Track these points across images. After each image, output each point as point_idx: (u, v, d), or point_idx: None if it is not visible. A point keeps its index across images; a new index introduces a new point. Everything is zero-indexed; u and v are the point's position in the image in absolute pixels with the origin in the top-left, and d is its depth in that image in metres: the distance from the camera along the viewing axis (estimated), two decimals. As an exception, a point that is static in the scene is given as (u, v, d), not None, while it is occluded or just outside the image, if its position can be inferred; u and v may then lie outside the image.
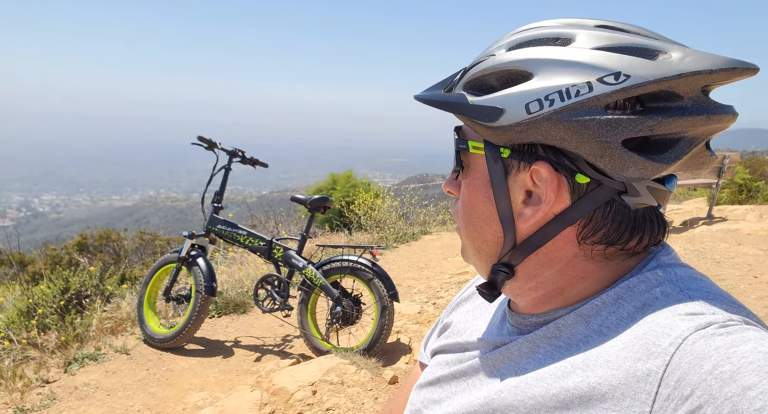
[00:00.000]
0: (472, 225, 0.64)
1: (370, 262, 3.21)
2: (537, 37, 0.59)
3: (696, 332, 0.49)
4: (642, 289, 0.57)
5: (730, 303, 0.54)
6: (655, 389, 0.48)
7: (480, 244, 0.65)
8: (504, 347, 0.65)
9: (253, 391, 2.67)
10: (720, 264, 4.78)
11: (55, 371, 3.28)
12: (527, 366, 0.60)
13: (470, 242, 0.66)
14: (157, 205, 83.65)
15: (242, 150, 3.70)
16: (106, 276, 4.71)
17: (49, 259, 9.97)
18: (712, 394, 0.44)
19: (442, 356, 0.77)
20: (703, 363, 0.46)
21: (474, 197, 0.63)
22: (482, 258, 0.66)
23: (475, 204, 0.63)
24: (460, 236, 0.68)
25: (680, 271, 0.59)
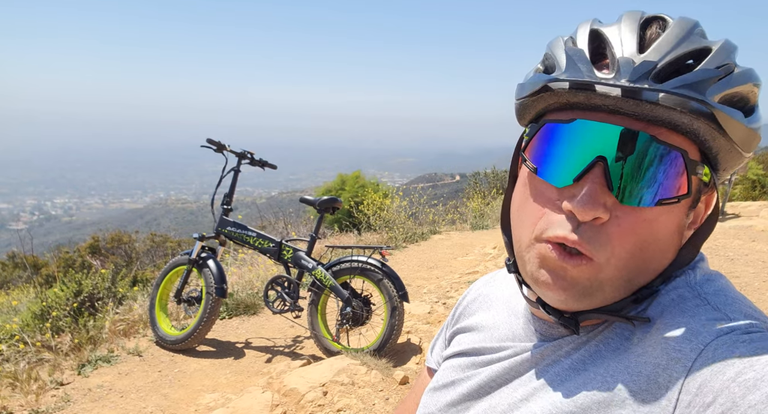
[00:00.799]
0: (644, 256, 0.53)
1: (380, 262, 3.20)
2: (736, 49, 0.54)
3: (718, 338, 0.48)
4: (663, 293, 0.57)
5: (747, 307, 0.54)
6: (676, 396, 0.47)
7: (638, 274, 0.54)
8: (526, 354, 0.63)
9: (265, 392, 2.68)
10: (734, 261, 4.72)
11: (69, 373, 3.31)
12: (551, 372, 0.59)
13: (624, 273, 0.53)
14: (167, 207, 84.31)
15: (251, 152, 3.71)
16: (118, 278, 4.75)
17: (62, 261, 10.08)
18: (735, 401, 0.43)
19: (455, 360, 0.74)
20: (726, 370, 0.45)
21: (667, 226, 0.54)
22: (627, 288, 0.55)
23: (664, 233, 0.54)
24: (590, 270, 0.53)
25: (698, 270, 0.59)
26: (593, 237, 0.51)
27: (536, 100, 0.57)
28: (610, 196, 0.51)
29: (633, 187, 0.51)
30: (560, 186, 0.53)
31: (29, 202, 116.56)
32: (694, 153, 0.53)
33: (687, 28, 0.53)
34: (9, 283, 9.61)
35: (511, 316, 0.72)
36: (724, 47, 0.52)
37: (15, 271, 11.25)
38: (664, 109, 0.49)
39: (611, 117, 0.52)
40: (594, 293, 0.54)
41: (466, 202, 9.23)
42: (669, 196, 0.51)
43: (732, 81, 0.51)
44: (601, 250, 0.51)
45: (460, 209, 9.17)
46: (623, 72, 0.50)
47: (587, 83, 0.51)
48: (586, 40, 0.55)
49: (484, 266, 5.14)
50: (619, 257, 0.52)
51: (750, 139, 0.53)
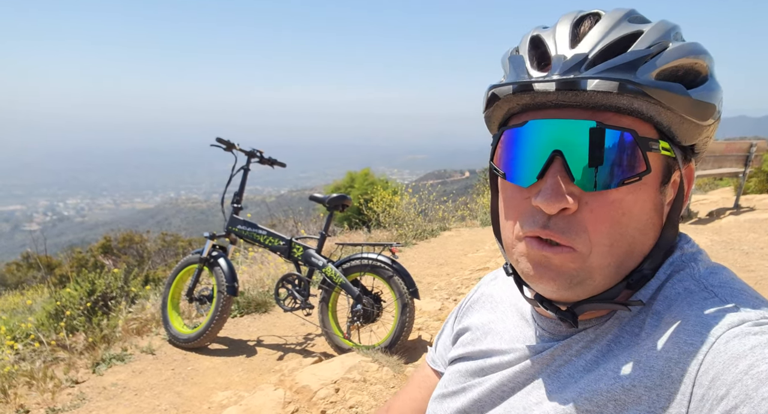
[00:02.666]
0: (625, 238, 0.54)
1: (390, 259, 3.20)
2: (678, 29, 0.57)
3: (729, 330, 0.48)
4: (668, 286, 0.57)
5: (755, 298, 0.53)
6: (689, 390, 0.47)
7: (624, 258, 0.55)
8: (537, 356, 0.63)
9: (277, 389, 2.69)
10: (748, 255, 4.66)
11: (84, 372, 3.35)
12: (563, 373, 0.59)
13: (611, 259, 0.55)
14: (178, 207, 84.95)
15: (260, 150, 3.72)
16: (130, 278, 4.79)
17: (75, 261, 10.19)
18: (749, 394, 0.42)
19: (462, 364, 0.73)
20: (738, 362, 0.45)
21: (639, 204, 0.55)
22: (617, 274, 0.56)
23: (638, 212, 0.55)
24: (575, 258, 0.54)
25: (700, 262, 0.59)
26: (566, 227, 0.53)
27: (494, 110, 0.60)
28: (575, 187, 0.53)
29: (592, 174, 0.53)
30: (526, 185, 0.56)
31: (42, 203, 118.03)
32: (646, 130, 0.54)
33: (617, 17, 0.55)
34: (24, 284, 9.75)
35: (520, 318, 0.72)
36: (657, 27, 0.55)
37: (29, 271, 11.40)
38: (601, 94, 0.51)
39: (559, 112, 0.55)
40: (584, 281, 0.55)
41: (476, 199, 9.19)
42: (630, 175, 0.53)
43: (666, 57, 0.53)
44: (577, 239, 0.53)
45: (470, 206, 9.14)
46: (555, 67, 0.53)
47: (524, 83, 0.54)
48: (527, 46, 0.58)
49: (494, 262, 5.12)
50: (601, 243, 0.53)
51: (700, 108, 0.54)
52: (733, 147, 7.12)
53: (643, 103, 0.52)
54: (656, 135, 0.55)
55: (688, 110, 0.53)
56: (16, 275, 11.51)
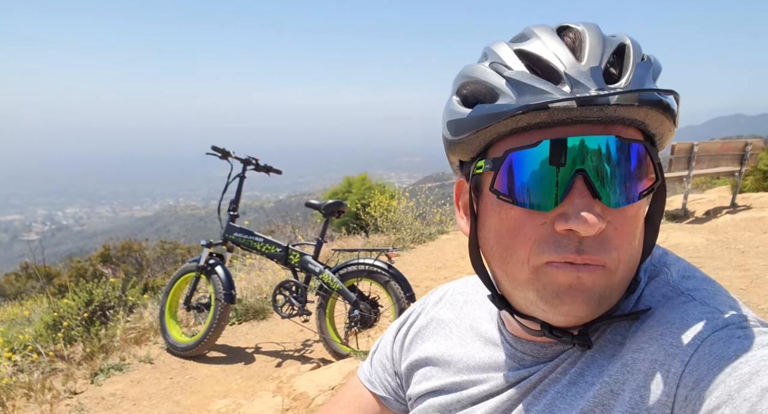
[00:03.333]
0: (634, 249, 0.54)
1: (386, 264, 3.21)
2: None
3: (714, 333, 0.49)
4: (645, 294, 0.58)
5: (729, 298, 0.55)
6: (673, 391, 0.48)
7: (631, 271, 0.55)
8: (524, 382, 0.61)
9: (275, 396, 2.69)
10: (744, 254, 4.68)
11: (82, 382, 3.34)
12: (550, 392, 0.59)
13: (628, 274, 0.54)
14: (177, 214, 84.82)
15: (256, 158, 3.73)
16: (128, 286, 4.79)
17: (74, 271, 10.18)
18: (731, 394, 0.43)
19: (434, 399, 0.69)
20: (723, 365, 0.46)
21: (642, 215, 0.55)
22: (627, 285, 0.55)
23: (641, 223, 0.55)
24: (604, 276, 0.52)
25: (672, 266, 0.60)
26: (600, 247, 0.51)
27: (484, 132, 0.54)
28: (599, 204, 0.51)
29: (615, 190, 0.51)
30: (547, 210, 0.52)
31: (41, 212, 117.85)
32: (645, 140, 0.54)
33: (598, 30, 0.54)
34: (23, 294, 9.73)
35: (483, 342, 0.68)
36: (634, 41, 0.54)
37: (28, 281, 11.38)
38: (624, 108, 0.49)
39: (571, 128, 0.51)
40: (606, 300, 0.53)
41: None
42: (646, 187, 0.52)
43: (656, 69, 0.53)
44: (609, 256, 0.51)
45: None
46: (583, 83, 0.50)
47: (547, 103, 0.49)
48: (517, 60, 0.54)
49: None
50: (624, 260, 0.52)
51: (676, 114, 0.54)
52: (728, 146, 7.15)
53: (655, 113, 0.51)
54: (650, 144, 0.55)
55: (675, 118, 0.53)
56: (15, 286, 11.49)
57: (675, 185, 9.37)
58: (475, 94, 0.56)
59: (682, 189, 7.28)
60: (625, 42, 0.54)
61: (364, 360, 0.87)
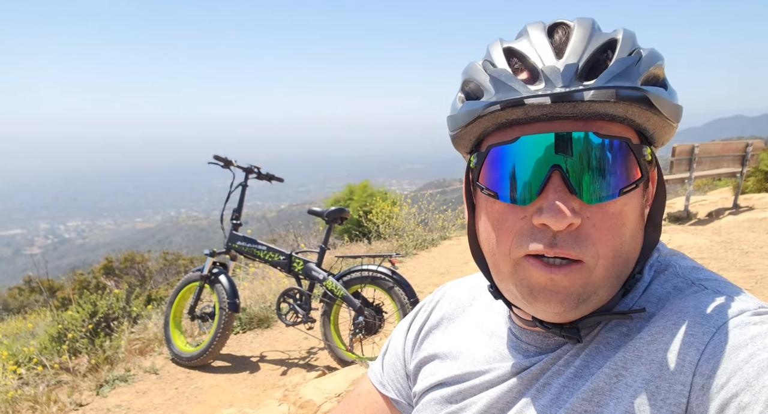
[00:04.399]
0: (624, 247, 0.54)
1: (390, 270, 3.20)
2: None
3: (730, 320, 0.49)
4: (655, 286, 0.58)
5: (740, 289, 0.55)
6: (689, 379, 0.48)
7: (624, 268, 0.55)
8: (525, 372, 0.61)
9: (281, 404, 2.68)
10: (748, 254, 4.67)
11: (88, 394, 3.33)
12: (554, 384, 0.58)
13: (614, 270, 0.54)
14: (178, 225, 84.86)
15: (257, 166, 3.74)
16: (132, 298, 4.79)
17: (77, 284, 10.18)
18: (749, 381, 0.43)
19: (437, 392, 0.70)
20: (739, 352, 0.46)
21: (634, 212, 0.55)
22: (617, 284, 0.55)
23: (632, 220, 0.55)
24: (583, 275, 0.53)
25: (681, 261, 0.60)
26: (575, 242, 0.52)
27: (472, 128, 0.57)
28: (576, 200, 0.52)
29: (593, 185, 0.52)
30: (526, 204, 0.53)
31: (43, 226, 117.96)
32: (633, 137, 0.54)
33: (589, 26, 0.55)
34: (26, 308, 9.72)
35: (488, 336, 0.69)
36: (627, 36, 0.54)
37: (32, 295, 11.38)
38: (599, 104, 0.50)
39: (550, 124, 0.53)
40: (590, 298, 0.54)
41: (475, 207, 9.17)
42: (627, 183, 0.53)
43: (645, 63, 0.53)
44: (586, 252, 0.52)
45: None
46: (553, 80, 0.51)
47: (520, 100, 0.51)
48: (503, 58, 0.56)
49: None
50: (606, 256, 0.53)
51: (677, 110, 0.54)
52: (729, 147, 7.15)
53: (637, 109, 0.51)
54: (639, 140, 0.55)
55: (671, 112, 0.53)
56: (19, 299, 11.49)
57: (677, 187, 9.36)
58: (472, 90, 0.58)
59: (684, 191, 7.27)
60: (615, 37, 0.54)
61: (370, 365, 0.85)
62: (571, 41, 0.53)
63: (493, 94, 0.53)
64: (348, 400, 0.83)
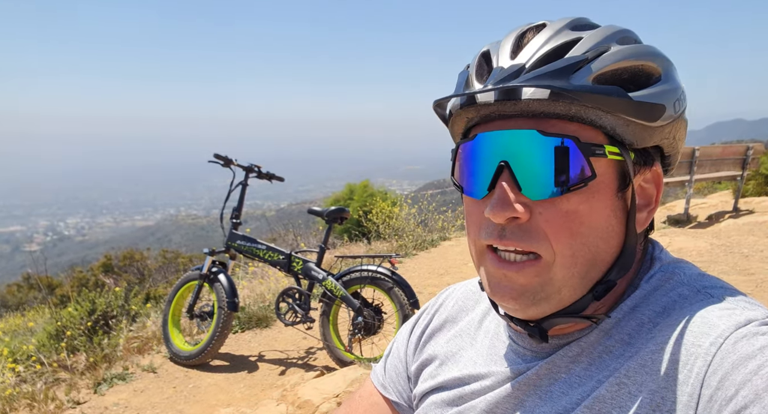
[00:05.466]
0: (587, 247, 0.53)
1: (390, 270, 3.20)
2: (622, 34, 0.56)
3: (737, 330, 0.48)
4: (659, 295, 0.57)
5: (747, 297, 0.54)
6: (697, 391, 0.47)
7: (588, 268, 0.54)
8: (522, 376, 0.60)
9: (279, 404, 2.68)
10: (748, 258, 4.66)
11: (86, 392, 3.33)
12: (555, 391, 0.57)
13: (575, 269, 0.54)
14: (178, 223, 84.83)
15: (258, 165, 3.73)
16: (131, 296, 4.78)
17: (76, 281, 10.17)
18: (758, 393, 0.42)
19: (437, 396, 0.69)
20: (748, 363, 0.45)
21: (597, 212, 0.54)
22: (582, 285, 0.55)
23: (596, 220, 0.54)
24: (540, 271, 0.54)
25: (686, 269, 0.59)
26: (524, 234, 0.53)
27: (452, 126, 0.61)
28: (523, 196, 0.53)
29: (537, 183, 0.53)
30: (480, 198, 0.56)
31: (42, 223, 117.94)
32: (592, 136, 0.53)
33: (558, 26, 0.55)
34: (25, 305, 9.71)
35: (491, 338, 0.69)
36: (597, 33, 0.54)
37: (30, 292, 11.38)
38: (538, 102, 0.51)
39: (505, 123, 0.55)
40: (550, 296, 0.54)
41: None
42: (575, 182, 0.52)
43: (604, 60, 0.52)
44: (538, 245, 0.53)
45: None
46: (491, 78, 0.53)
47: (460, 95, 0.54)
48: (476, 61, 0.58)
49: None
50: (564, 254, 0.53)
51: (643, 110, 0.52)
52: (729, 150, 7.15)
53: (581, 108, 0.51)
54: (604, 139, 0.54)
55: (630, 112, 0.52)
56: (17, 296, 11.48)
57: (677, 190, 9.36)
58: None
59: (684, 194, 7.27)
60: (579, 36, 0.54)
61: (370, 365, 0.85)
62: (531, 41, 0.55)
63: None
64: (349, 402, 0.83)
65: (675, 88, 0.55)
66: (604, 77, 0.52)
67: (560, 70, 0.51)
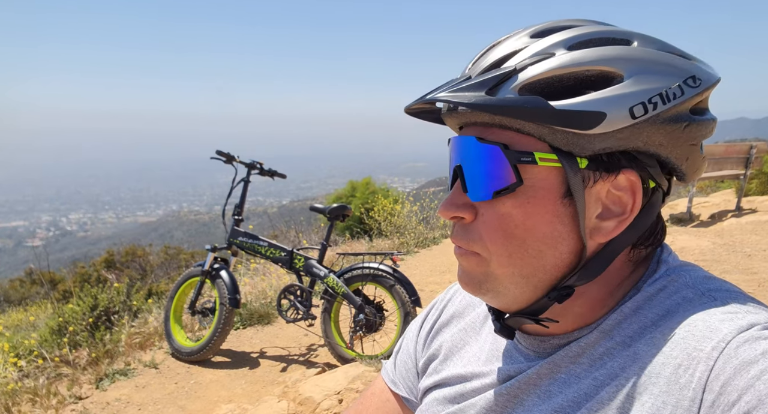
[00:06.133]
0: (525, 250, 0.55)
1: (391, 268, 3.20)
2: (595, 36, 0.54)
3: (739, 335, 0.47)
4: (662, 297, 0.56)
5: (753, 300, 0.53)
6: (699, 396, 0.46)
7: (532, 270, 0.56)
8: (522, 375, 0.60)
9: (280, 401, 2.68)
10: (751, 257, 4.65)
11: (88, 387, 3.34)
12: (554, 391, 0.57)
13: (514, 269, 0.56)
14: (180, 220, 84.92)
15: (260, 162, 3.74)
16: (132, 292, 4.80)
17: (78, 276, 10.20)
18: (761, 399, 0.42)
19: (439, 392, 0.70)
20: (750, 368, 0.44)
21: (534, 217, 0.54)
22: (530, 285, 0.56)
23: (534, 225, 0.54)
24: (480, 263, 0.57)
25: (692, 272, 0.58)
26: (465, 234, 0.58)
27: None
28: (468, 198, 0.58)
29: (476, 186, 0.56)
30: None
31: (45, 218, 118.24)
32: (526, 143, 0.54)
33: (522, 34, 0.57)
34: (27, 300, 9.74)
35: (495, 336, 0.68)
36: (549, 39, 0.54)
37: (33, 287, 11.41)
38: (470, 113, 0.55)
39: (467, 130, 0.58)
40: (497, 288, 0.57)
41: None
42: (500, 187, 0.55)
43: (535, 69, 0.52)
44: (474, 245, 0.57)
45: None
46: (442, 87, 0.56)
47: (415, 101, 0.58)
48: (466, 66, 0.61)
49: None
50: (499, 253, 0.56)
51: (570, 117, 0.51)
52: (733, 149, 7.12)
53: (503, 118, 0.53)
54: (543, 147, 0.53)
55: (554, 121, 0.50)
56: (20, 291, 11.52)
57: (679, 189, 9.34)
58: None
59: (687, 192, 7.26)
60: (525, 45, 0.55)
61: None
62: (495, 50, 0.56)
63: None
64: (362, 399, 0.83)
65: (638, 92, 0.51)
66: (532, 86, 0.52)
67: (483, 83, 0.53)
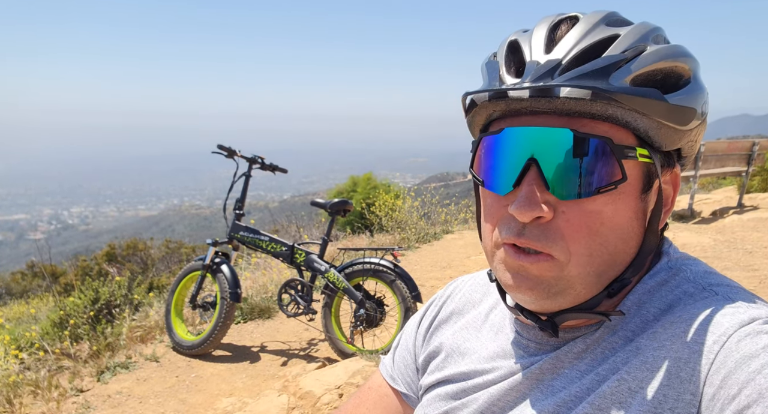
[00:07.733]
0: (605, 247, 0.53)
1: (392, 263, 3.20)
2: (657, 32, 0.55)
3: (740, 329, 0.48)
4: (664, 291, 0.56)
5: (753, 295, 0.54)
6: (700, 389, 0.47)
7: (605, 268, 0.54)
8: (526, 370, 0.60)
9: (281, 395, 2.69)
10: (752, 254, 4.65)
11: (89, 380, 3.35)
12: (556, 385, 0.57)
13: (591, 269, 0.53)
14: (181, 214, 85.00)
15: (261, 157, 3.73)
16: (134, 285, 4.81)
17: (79, 270, 10.22)
18: (762, 393, 0.42)
19: (441, 388, 0.69)
20: (751, 362, 0.45)
21: (620, 214, 0.53)
22: (599, 284, 0.55)
23: (619, 222, 0.53)
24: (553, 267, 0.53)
25: (693, 266, 0.58)
26: (542, 234, 0.53)
27: (474, 116, 0.59)
28: (550, 195, 0.53)
29: (567, 182, 0.52)
30: (503, 193, 0.55)
31: (47, 212, 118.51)
32: (623, 137, 0.53)
33: (594, 20, 0.54)
34: (29, 293, 9.78)
35: (496, 331, 0.69)
36: (634, 31, 0.53)
37: (34, 280, 11.44)
38: (574, 101, 0.50)
39: (535, 118, 0.54)
40: (565, 290, 0.54)
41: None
42: (604, 184, 0.51)
43: (642, 61, 0.51)
44: (554, 246, 0.52)
45: (473, 208, 9.13)
46: (527, 74, 0.52)
47: (497, 91, 0.53)
48: (504, 51, 0.57)
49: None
50: (580, 253, 0.52)
51: (678, 113, 0.52)
52: (735, 146, 7.10)
53: (618, 109, 0.51)
54: (635, 141, 0.53)
55: (665, 115, 0.51)
56: (21, 284, 11.56)
57: (681, 185, 9.32)
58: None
59: (689, 189, 7.24)
60: (617, 33, 0.53)
61: (372, 357, 0.86)
62: (567, 36, 0.53)
63: (483, 86, 0.56)
64: (359, 394, 0.83)
65: (703, 91, 0.55)
66: (640, 78, 0.51)
67: (601, 70, 0.50)
